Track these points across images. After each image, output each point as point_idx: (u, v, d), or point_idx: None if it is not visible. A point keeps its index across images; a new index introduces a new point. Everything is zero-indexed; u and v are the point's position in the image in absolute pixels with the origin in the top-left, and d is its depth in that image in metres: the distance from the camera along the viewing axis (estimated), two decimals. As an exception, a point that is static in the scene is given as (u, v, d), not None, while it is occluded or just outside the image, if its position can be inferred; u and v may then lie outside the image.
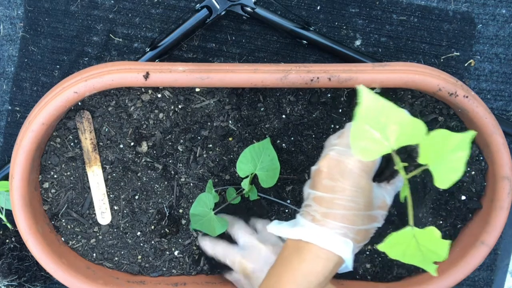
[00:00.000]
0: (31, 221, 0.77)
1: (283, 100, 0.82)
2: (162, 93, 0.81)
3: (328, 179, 0.57)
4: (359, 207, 0.56)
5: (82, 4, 0.92)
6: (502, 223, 0.79)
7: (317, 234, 0.56)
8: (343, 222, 0.56)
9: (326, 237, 0.55)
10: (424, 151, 0.45)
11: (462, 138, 0.44)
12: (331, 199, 0.56)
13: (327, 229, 0.56)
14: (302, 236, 0.57)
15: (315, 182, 0.59)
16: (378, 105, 0.44)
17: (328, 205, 0.56)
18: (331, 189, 0.57)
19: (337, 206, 0.56)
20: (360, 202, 0.56)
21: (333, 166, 0.57)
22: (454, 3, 0.94)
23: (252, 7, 0.87)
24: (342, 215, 0.56)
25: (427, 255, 0.49)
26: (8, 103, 0.94)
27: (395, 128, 0.43)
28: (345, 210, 0.56)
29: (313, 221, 0.57)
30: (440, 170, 0.45)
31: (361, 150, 0.44)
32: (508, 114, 0.96)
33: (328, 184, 0.57)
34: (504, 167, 0.78)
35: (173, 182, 0.83)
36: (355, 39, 0.94)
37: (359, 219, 0.56)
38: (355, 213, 0.56)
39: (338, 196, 0.56)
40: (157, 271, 0.84)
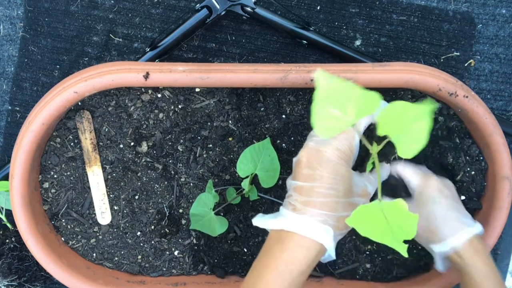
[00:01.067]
0: (31, 221, 0.77)
1: (283, 100, 0.82)
2: (162, 93, 0.81)
3: (307, 168, 0.58)
4: (339, 194, 0.57)
5: (82, 4, 0.92)
6: (502, 223, 0.79)
7: (297, 222, 0.56)
8: (323, 209, 0.56)
9: (306, 225, 0.56)
10: (384, 123, 0.46)
11: (422, 108, 0.45)
12: (310, 188, 0.57)
13: (307, 217, 0.56)
14: (283, 225, 0.57)
15: (295, 173, 0.60)
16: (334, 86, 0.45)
17: (307, 193, 0.57)
18: (310, 178, 0.57)
19: (317, 194, 0.57)
20: (339, 189, 0.57)
21: (312, 155, 0.58)
22: (454, 3, 0.94)
23: (252, 7, 0.87)
24: (322, 202, 0.56)
25: (396, 232, 0.48)
26: (8, 103, 0.94)
27: (353, 104, 0.45)
28: (325, 197, 0.56)
29: (294, 211, 0.58)
30: (402, 141, 0.46)
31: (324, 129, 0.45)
32: (508, 114, 0.96)
33: (307, 173, 0.58)
34: (504, 167, 0.78)
35: (173, 182, 0.83)
36: (355, 39, 0.94)
37: (339, 206, 0.57)
38: (335, 200, 0.57)
39: (317, 184, 0.57)
40: (157, 271, 0.84)
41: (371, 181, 0.62)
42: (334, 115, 0.45)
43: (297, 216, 0.57)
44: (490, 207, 0.79)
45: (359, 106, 0.45)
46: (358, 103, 0.45)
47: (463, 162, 0.82)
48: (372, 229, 0.49)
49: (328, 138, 0.47)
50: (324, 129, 0.46)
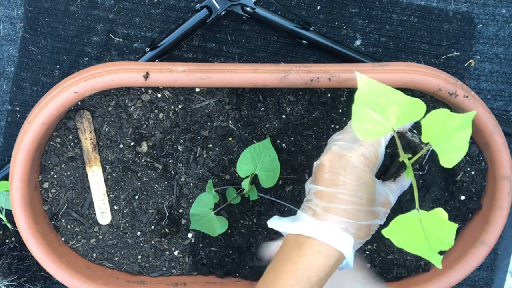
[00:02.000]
0: (31, 221, 0.77)
1: (283, 100, 0.82)
2: (162, 93, 0.81)
3: (330, 173, 0.56)
4: (362, 202, 0.55)
5: (82, 4, 0.92)
6: (502, 223, 0.79)
7: (317, 228, 0.54)
8: (345, 217, 0.55)
9: (327, 231, 0.54)
10: (426, 130, 0.45)
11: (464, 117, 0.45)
12: (333, 193, 0.55)
13: (328, 223, 0.54)
14: (303, 230, 0.55)
15: (317, 177, 0.58)
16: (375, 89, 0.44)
17: (329, 199, 0.55)
18: (333, 183, 0.55)
19: (339, 200, 0.55)
20: (362, 197, 0.55)
21: (336, 160, 0.56)
22: (454, 3, 0.94)
23: (252, 7, 0.87)
24: (344, 210, 0.55)
25: (433, 243, 0.47)
26: (8, 103, 0.94)
27: (395, 109, 0.44)
28: (347, 204, 0.55)
29: (314, 216, 0.56)
30: (444, 149, 0.45)
31: (363, 132, 0.44)
32: (508, 114, 0.96)
33: (330, 178, 0.56)
34: (504, 167, 0.78)
35: (173, 182, 0.83)
36: (355, 39, 0.94)
37: (361, 214, 0.55)
38: (357, 208, 0.55)
39: (340, 190, 0.55)
40: (157, 271, 0.84)
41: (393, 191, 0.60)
42: (374, 119, 0.44)
43: (318, 222, 0.55)
44: (490, 207, 0.79)
45: (401, 112, 0.44)
46: (401, 109, 0.44)
47: (463, 162, 0.82)
48: (408, 240, 0.47)
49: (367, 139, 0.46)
50: (363, 132, 0.45)
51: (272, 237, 0.84)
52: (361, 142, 0.56)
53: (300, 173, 0.83)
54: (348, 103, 0.82)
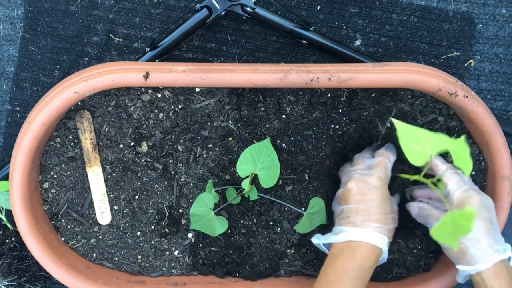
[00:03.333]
0: (31, 221, 0.77)
1: (283, 100, 0.82)
2: (162, 93, 0.81)
3: (358, 194, 0.73)
4: (387, 211, 0.73)
5: (82, 4, 0.92)
6: (502, 223, 0.79)
7: (362, 234, 0.71)
8: (379, 223, 0.72)
9: (370, 235, 0.71)
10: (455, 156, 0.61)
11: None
12: (366, 208, 0.72)
13: (370, 230, 0.71)
14: (351, 237, 0.71)
15: (348, 199, 0.74)
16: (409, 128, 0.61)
17: (364, 213, 0.72)
18: (364, 201, 0.72)
19: (372, 213, 0.72)
20: (387, 208, 0.73)
21: (361, 184, 0.73)
22: (454, 3, 0.94)
23: (252, 7, 0.87)
24: (377, 219, 0.72)
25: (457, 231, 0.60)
26: (8, 103, 0.94)
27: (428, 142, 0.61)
28: (378, 214, 0.72)
29: (356, 227, 0.72)
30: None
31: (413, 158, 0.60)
32: (508, 114, 0.96)
33: (360, 198, 0.73)
34: (504, 167, 0.78)
35: (173, 182, 0.83)
36: (355, 39, 0.94)
37: (389, 220, 0.73)
38: (385, 216, 0.72)
39: (371, 205, 0.72)
40: (157, 271, 0.84)
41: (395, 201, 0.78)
42: (416, 149, 0.60)
43: (361, 230, 0.72)
44: (490, 207, 0.79)
45: (432, 144, 0.60)
46: (431, 142, 0.60)
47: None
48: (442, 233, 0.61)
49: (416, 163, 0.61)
50: (413, 158, 0.60)
51: (272, 237, 0.84)
52: (376, 168, 0.74)
53: (300, 173, 0.83)
54: (348, 103, 0.82)
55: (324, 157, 0.83)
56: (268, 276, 0.85)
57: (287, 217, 0.84)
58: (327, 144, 0.83)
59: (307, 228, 0.81)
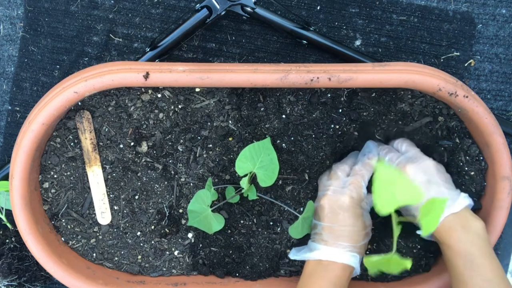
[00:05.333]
0: (31, 221, 0.77)
1: (283, 100, 0.82)
2: (162, 93, 0.81)
3: (331, 213, 0.75)
4: (359, 229, 0.75)
5: (82, 4, 0.92)
6: (502, 223, 0.79)
7: (333, 253, 0.73)
8: (350, 242, 0.74)
9: (341, 255, 0.73)
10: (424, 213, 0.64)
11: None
12: (337, 228, 0.74)
13: (340, 249, 0.73)
14: (323, 256, 0.74)
15: (321, 216, 0.76)
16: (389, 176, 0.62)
17: (336, 232, 0.74)
18: (335, 220, 0.74)
19: (343, 232, 0.74)
20: (358, 225, 0.75)
21: (333, 203, 0.75)
22: (454, 3, 0.94)
23: (252, 7, 0.87)
24: (348, 237, 0.74)
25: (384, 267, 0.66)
26: (8, 103, 0.94)
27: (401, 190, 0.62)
28: (349, 233, 0.74)
29: (327, 245, 0.74)
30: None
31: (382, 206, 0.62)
32: (508, 114, 0.96)
33: (331, 216, 0.75)
34: (504, 167, 0.78)
35: (173, 182, 0.83)
36: (355, 39, 0.94)
37: (360, 238, 0.75)
38: (357, 234, 0.74)
39: (342, 224, 0.74)
40: (157, 271, 0.84)
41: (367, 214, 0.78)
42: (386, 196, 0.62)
43: (332, 249, 0.74)
44: (490, 207, 0.79)
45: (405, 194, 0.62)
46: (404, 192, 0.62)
47: (463, 162, 0.82)
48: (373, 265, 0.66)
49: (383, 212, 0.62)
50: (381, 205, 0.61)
51: (272, 237, 0.84)
52: (349, 187, 0.75)
53: (300, 173, 0.83)
54: (348, 103, 0.82)
55: (324, 157, 0.83)
56: (268, 276, 0.85)
57: (287, 217, 0.84)
58: (327, 144, 0.83)
59: (298, 233, 0.80)
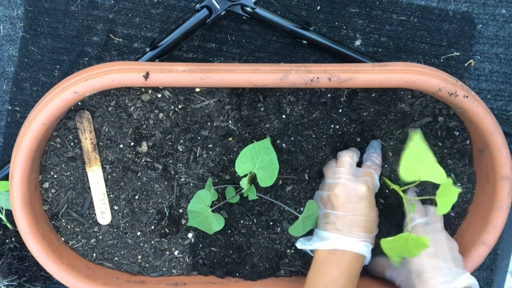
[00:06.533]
0: (31, 221, 0.77)
1: (283, 100, 0.82)
2: (162, 93, 0.81)
3: (347, 202, 0.74)
4: (373, 219, 0.75)
5: (82, 4, 0.92)
6: (502, 223, 0.79)
7: (348, 243, 0.73)
8: (365, 232, 0.74)
9: (356, 244, 0.73)
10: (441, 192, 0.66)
11: None
12: (354, 217, 0.74)
13: (355, 239, 0.73)
14: (338, 246, 0.73)
15: (335, 205, 0.75)
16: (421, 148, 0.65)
17: (352, 221, 0.74)
18: (352, 209, 0.74)
19: (359, 222, 0.74)
20: (373, 215, 0.75)
21: (350, 191, 0.75)
22: (454, 3, 0.94)
23: (252, 7, 0.87)
24: (363, 227, 0.74)
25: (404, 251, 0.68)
26: (8, 103, 0.94)
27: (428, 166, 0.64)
28: (365, 222, 0.74)
29: (341, 234, 0.74)
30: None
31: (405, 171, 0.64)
32: (508, 114, 0.96)
33: (348, 206, 0.74)
34: (504, 167, 0.78)
35: (173, 182, 0.83)
36: (355, 39, 0.94)
37: (373, 228, 0.76)
38: (371, 224, 0.75)
39: (359, 213, 0.74)
40: (157, 271, 0.84)
41: None
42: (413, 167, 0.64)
43: (347, 239, 0.73)
44: (490, 207, 0.79)
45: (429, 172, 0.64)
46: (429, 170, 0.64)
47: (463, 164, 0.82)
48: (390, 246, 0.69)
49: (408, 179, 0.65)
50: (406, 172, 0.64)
51: (272, 237, 0.84)
52: (365, 177, 0.76)
53: (300, 173, 0.83)
54: (348, 103, 0.82)
55: (324, 157, 0.83)
56: (268, 276, 0.85)
57: (287, 217, 0.84)
58: (327, 144, 0.83)
59: (300, 232, 0.80)
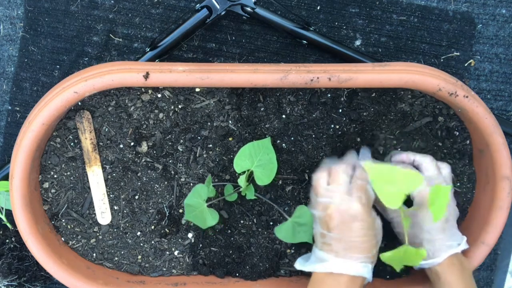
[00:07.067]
0: (31, 221, 0.77)
1: (283, 100, 0.82)
2: (162, 93, 0.81)
3: (341, 223, 0.70)
4: (370, 239, 0.71)
5: (82, 4, 0.92)
6: (502, 223, 0.79)
7: (344, 266, 0.70)
8: (362, 253, 0.70)
9: (353, 267, 0.70)
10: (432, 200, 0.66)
11: None
12: (349, 238, 0.70)
13: (351, 261, 0.70)
14: (333, 269, 0.70)
15: (329, 226, 0.71)
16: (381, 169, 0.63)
17: (347, 243, 0.70)
18: (347, 230, 0.70)
19: (356, 243, 0.70)
20: (370, 234, 0.71)
21: (343, 212, 0.71)
22: (454, 3, 0.94)
23: (252, 7, 0.87)
24: (360, 248, 0.70)
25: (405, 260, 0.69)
26: (8, 103, 0.94)
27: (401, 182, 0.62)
28: (361, 243, 0.70)
29: (338, 256, 0.71)
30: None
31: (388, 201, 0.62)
32: (508, 114, 0.96)
33: (342, 227, 0.70)
34: (504, 167, 0.78)
35: (173, 182, 0.83)
36: (355, 39, 0.94)
37: (372, 247, 0.71)
38: (369, 244, 0.71)
39: (354, 235, 0.70)
40: (157, 271, 0.85)
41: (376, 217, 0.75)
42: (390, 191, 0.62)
43: (343, 261, 0.70)
44: (490, 207, 0.79)
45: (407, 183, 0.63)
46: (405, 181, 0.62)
47: (463, 164, 0.82)
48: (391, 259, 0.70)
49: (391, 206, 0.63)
50: (389, 201, 0.62)
51: (272, 237, 0.84)
52: (358, 193, 0.71)
53: (300, 173, 0.83)
54: (348, 103, 0.82)
55: (324, 157, 0.83)
56: (268, 276, 0.85)
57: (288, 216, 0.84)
58: (327, 144, 0.83)
59: (288, 238, 0.78)
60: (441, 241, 0.73)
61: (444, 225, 0.74)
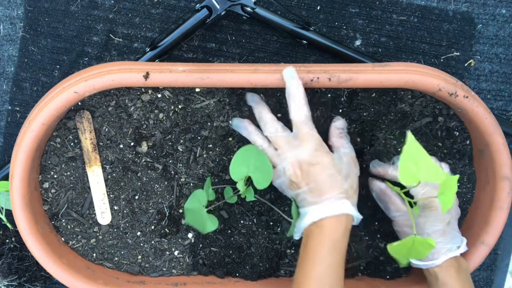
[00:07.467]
0: (31, 221, 0.77)
1: (283, 100, 0.82)
2: (162, 93, 0.81)
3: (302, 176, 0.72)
4: (334, 175, 0.72)
5: (82, 4, 0.92)
6: (502, 223, 0.79)
7: (323, 210, 0.70)
8: (332, 192, 0.71)
9: (329, 208, 0.70)
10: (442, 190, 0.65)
11: None
12: (314, 185, 0.71)
13: (326, 202, 0.71)
14: (314, 217, 0.71)
15: (298, 185, 0.73)
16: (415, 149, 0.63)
17: (316, 190, 0.71)
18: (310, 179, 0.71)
19: (321, 186, 0.71)
20: (333, 172, 0.72)
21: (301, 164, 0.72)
22: (454, 3, 0.94)
23: (252, 7, 0.87)
24: (328, 188, 0.71)
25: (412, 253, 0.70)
26: (8, 103, 0.94)
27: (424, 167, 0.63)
28: (327, 183, 0.71)
29: (316, 204, 0.71)
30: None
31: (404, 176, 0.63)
32: (508, 114, 0.96)
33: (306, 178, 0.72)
34: (504, 167, 0.78)
35: (173, 182, 0.83)
36: (355, 39, 0.94)
37: (340, 182, 0.72)
38: (334, 180, 0.71)
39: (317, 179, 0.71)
40: (157, 271, 0.85)
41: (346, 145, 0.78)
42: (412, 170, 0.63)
43: (318, 206, 0.71)
44: (490, 207, 0.79)
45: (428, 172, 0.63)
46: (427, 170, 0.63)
47: (463, 164, 0.82)
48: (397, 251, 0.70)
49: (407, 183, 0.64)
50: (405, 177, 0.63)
51: (272, 237, 0.84)
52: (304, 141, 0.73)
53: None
54: (348, 103, 0.82)
55: None
56: (268, 276, 0.85)
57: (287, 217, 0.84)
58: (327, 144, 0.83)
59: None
60: (441, 244, 0.74)
61: (446, 228, 0.74)
